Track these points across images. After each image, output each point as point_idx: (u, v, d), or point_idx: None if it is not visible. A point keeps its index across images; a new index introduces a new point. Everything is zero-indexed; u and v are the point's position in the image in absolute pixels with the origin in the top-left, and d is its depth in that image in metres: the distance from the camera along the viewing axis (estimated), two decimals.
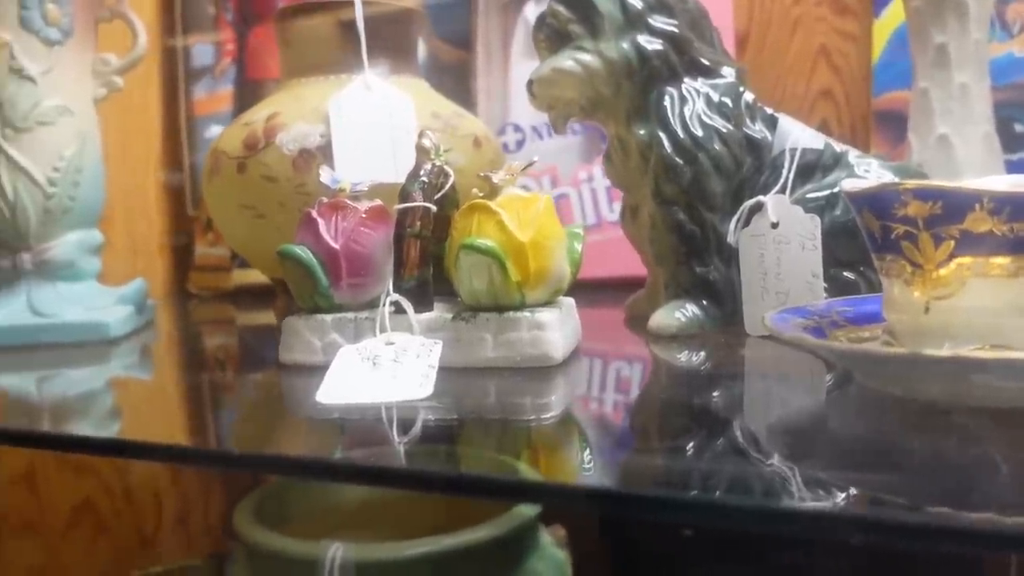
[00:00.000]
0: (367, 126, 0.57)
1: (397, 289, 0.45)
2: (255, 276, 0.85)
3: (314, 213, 0.47)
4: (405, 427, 0.37)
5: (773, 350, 0.48)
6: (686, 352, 0.49)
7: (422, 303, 0.45)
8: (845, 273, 0.49)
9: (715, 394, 0.42)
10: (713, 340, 0.50)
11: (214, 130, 0.91)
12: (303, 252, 0.46)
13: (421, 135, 0.47)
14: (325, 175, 0.48)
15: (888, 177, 0.50)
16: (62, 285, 0.61)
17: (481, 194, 0.46)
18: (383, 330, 0.44)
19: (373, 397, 0.38)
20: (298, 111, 0.58)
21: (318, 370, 0.46)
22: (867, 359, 0.35)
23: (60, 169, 0.60)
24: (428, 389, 0.38)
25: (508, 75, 0.80)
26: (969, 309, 0.34)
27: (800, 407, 0.40)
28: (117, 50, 0.64)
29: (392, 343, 0.43)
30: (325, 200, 0.48)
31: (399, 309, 0.45)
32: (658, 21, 0.53)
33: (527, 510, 0.71)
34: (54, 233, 0.61)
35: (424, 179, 0.46)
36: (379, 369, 0.40)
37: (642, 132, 0.53)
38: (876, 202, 0.35)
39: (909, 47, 0.63)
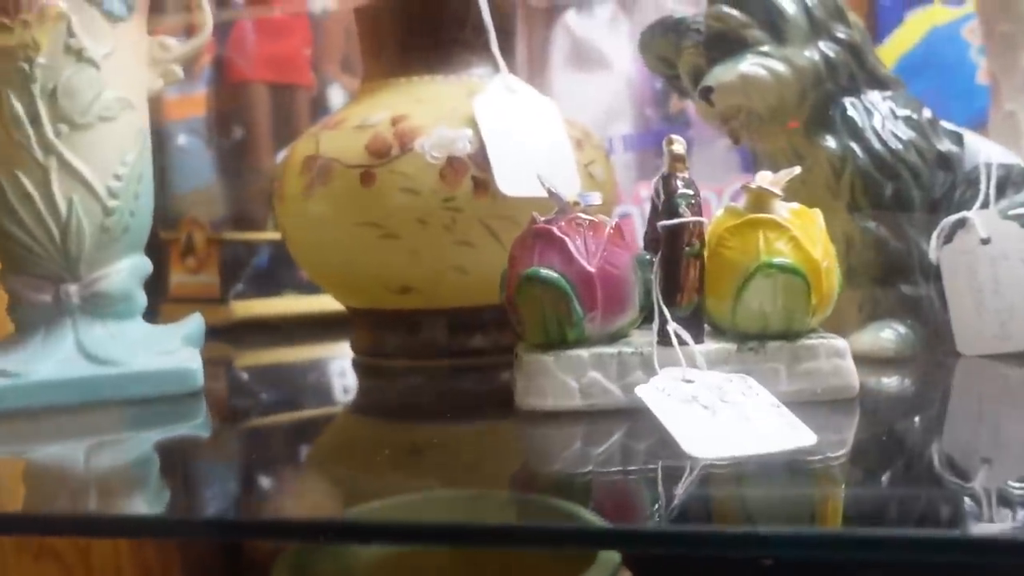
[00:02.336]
0: (518, 132, 0.50)
1: (673, 318, 0.39)
2: (263, 309, 0.73)
3: (556, 230, 0.39)
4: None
5: (997, 369, 0.46)
6: (905, 375, 0.47)
7: (697, 333, 0.39)
8: None
9: None
10: (928, 361, 0.48)
11: (183, 139, 0.78)
12: (558, 276, 0.38)
13: (671, 141, 0.41)
14: (548, 185, 0.41)
15: None
16: (112, 324, 0.48)
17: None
18: (664, 365, 0.38)
19: (755, 448, 0.32)
20: (431, 113, 0.50)
21: (579, 416, 0.39)
22: None
23: (122, 177, 0.47)
24: (809, 433, 0.33)
25: (550, 86, 0.75)
26: None
27: None
28: None
29: (691, 381, 0.37)
30: (555, 216, 0.40)
31: (663, 341, 0.39)
32: (839, 30, 0.51)
33: (614, 556, 0.66)
34: (108, 258, 0.48)
35: (689, 191, 0.40)
36: (719, 414, 0.34)
37: (833, 145, 0.50)
38: None
39: (989, 70, 0.65)
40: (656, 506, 0.30)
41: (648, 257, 0.41)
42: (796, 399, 0.38)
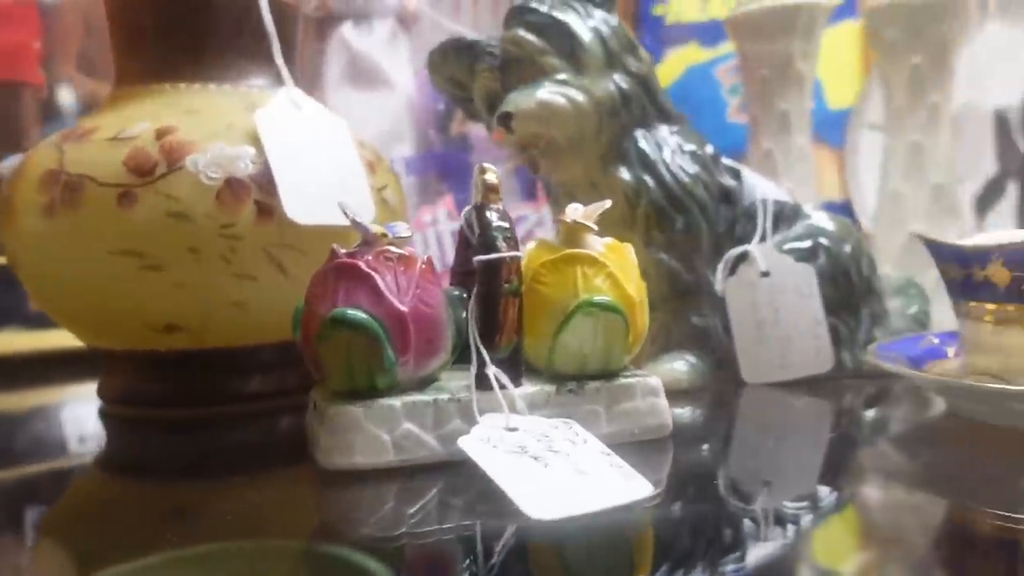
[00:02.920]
0: (307, 153, 0.45)
1: (492, 360, 0.36)
2: None
3: (363, 265, 0.35)
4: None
5: (779, 396, 0.48)
6: (699, 407, 0.47)
7: (516, 376, 0.37)
8: (828, 319, 0.51)
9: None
10: (718, 391, 0.49)
11: None
12: (368, 318, 0.34)
13: (484, 170, 0.38)
14: (352, 214, 0.37)
15: (840, 224, 0.54)
16: None
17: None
18: (483, 412, 0.35)
19: (594, 504, 0.30)
20: (204, 127, 0.44)
21: (392, 473, 0.35)
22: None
23: None
24: (645, 483, 0.31)
25: (325, 102, 0.69)
26: None
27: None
28: None
29: (515, 429, 0.34)
30: (359, 249, 0.36)
31: (483, 385, 0.36)
32: (631, 63, 0.51)
33: None
34: None
35: (505, 223, 0.37)
36: (551, 466, 0.32)
37: (628, 177, 0.50)
38: (1018, 254, 0.37)
39: (750, 112, 0.70)
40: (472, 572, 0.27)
41: (459, 294, 0.38)
42: (615, 440, 0.37)
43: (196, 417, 0.47)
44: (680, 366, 0.49)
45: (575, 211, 0.40)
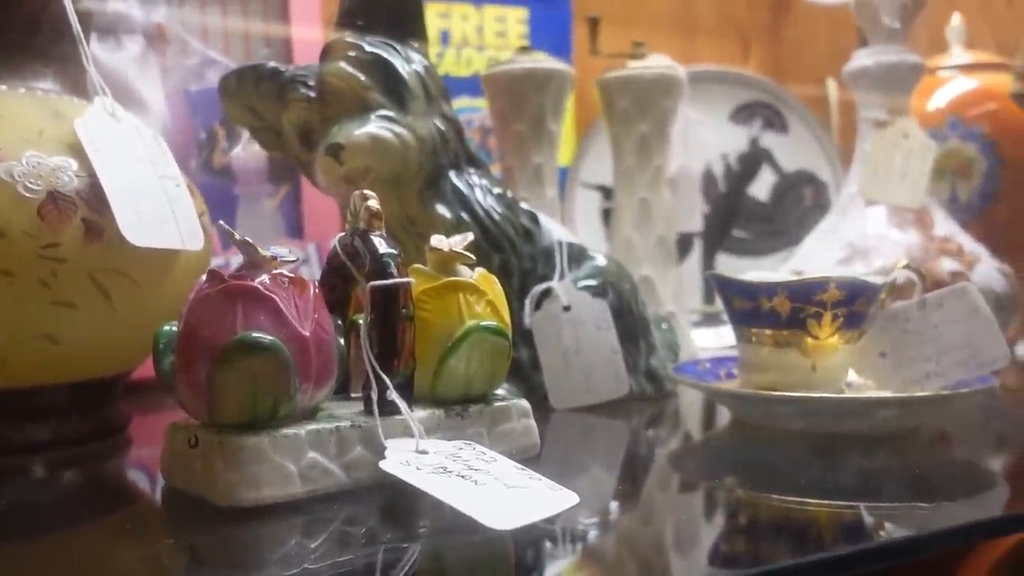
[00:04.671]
0: (135, 169, 0.41)
1: (389, 385, 0.36)
2: None
3: (263, 288, 0.33)
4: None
5: (587, 420, 0.53)
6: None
7: (410, 400, 0.37)
8: None
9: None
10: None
11: None
12: (279, 342, 0.32)
13: (366, 197, 0.38)
14: (239, 234, 0.34)
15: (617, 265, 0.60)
16: None
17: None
18: (386, 436, 0.35)
19: (537, 514, 0.31)
20: (9, 132, 0.38)
21: (295, 507, 0.33)
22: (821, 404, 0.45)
23: None
24: (571, 493, 0.33)
25: None
26: (841, 366, 0.48)
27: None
28: None
29: (425, 452, 0.34)
30: (244, 272, 0.34)
31: (388, 410, 0.36)
32: (445, 108, 0.54)
33: None
34: None
35: (394, 250, 0.37)
36: (480, 484, 0.32)
37: (447, 214, 0.52)
38: (801, 289, 0.46)
39: (504, 163, 0.75)
40: None
41: (340, 322, 0.37)
42: None
43: None
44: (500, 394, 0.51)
45: (440, 242, 0.41)
